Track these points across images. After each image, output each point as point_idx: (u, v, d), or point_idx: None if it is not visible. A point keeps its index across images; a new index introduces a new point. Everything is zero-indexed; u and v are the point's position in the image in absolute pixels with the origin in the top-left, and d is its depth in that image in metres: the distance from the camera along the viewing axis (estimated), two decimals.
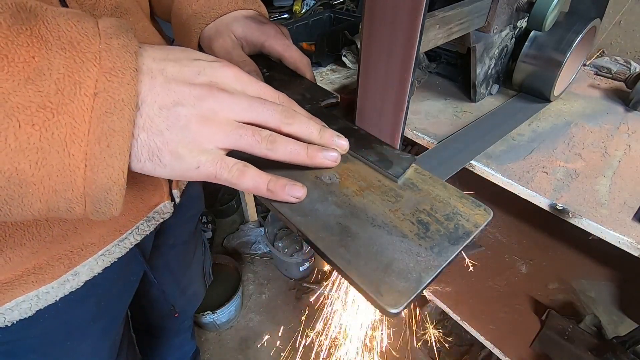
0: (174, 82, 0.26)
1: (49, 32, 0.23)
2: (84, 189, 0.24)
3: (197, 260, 0.83)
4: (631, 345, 0.59)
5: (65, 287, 0.43)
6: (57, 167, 0.23)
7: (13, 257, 0.37)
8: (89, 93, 0.23)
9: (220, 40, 0.45)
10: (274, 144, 0.29)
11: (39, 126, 0.22)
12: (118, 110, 0.23)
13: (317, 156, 0.31)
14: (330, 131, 0.32)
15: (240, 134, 0.28)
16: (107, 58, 0.24)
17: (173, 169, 0.27)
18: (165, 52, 0.28)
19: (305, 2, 1.26)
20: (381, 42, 0.32)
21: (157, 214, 0.51)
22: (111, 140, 0.23)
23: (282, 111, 0.30)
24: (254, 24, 0.45)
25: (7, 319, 0.40)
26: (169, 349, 0.97)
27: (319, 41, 0.74)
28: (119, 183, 0.25)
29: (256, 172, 0.29)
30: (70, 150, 0.23)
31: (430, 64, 0.70)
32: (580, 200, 0.43)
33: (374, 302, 0.25)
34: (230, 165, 0.28)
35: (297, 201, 0.30)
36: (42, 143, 0.22)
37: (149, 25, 0.48)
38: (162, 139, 0.26)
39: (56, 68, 0.22)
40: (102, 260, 0.45)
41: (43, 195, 0.23)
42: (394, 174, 0.33)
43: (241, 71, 0.30)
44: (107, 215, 0.26)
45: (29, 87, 0.21)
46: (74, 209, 0.25)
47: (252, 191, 0.29)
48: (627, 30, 0.74)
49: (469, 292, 0.77)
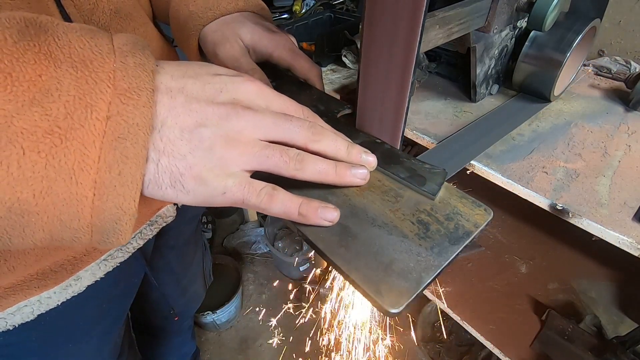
0: (195, 101, 0.25)
1: (59, 49, 0.21)
2: (91, 219, 0.22)
3: (198, 261, 0.83)
4: (631, 345, 0.59)
5: (67, 291, 0.43)
6: (63, 197, 0.21)
7: (17, 266, 0.37)
8: (100, 117, 0.21)
9: (227, 45, 0.43)
10: (302, 163, 0.27)
11: (45, 153, 0.20)
12: (132, 135, 0.22)
13: (346, 174, 0.29)
14: (357, 147, 0.31)
15: (268, 155, 0.26)
16: (122, 78, 0.22)
17: (197, 195, 0.25)
18: (184, 69, 0.26)
19: (305, 2, 1.26)
20: (381, 42, 0.31)
21: (160, 218, 0.51)
22: (123, 168, 0.22)
23: (308, 128, 0.28)
24: (263, 32, 0.44)
25: (9, 323, 0.40)
26: (169, 349, 0.97)
27: (319, 41, 0.74)
28: (130, 212, 0.23)
29: (286, 195, 0.27)
30: (78, 179, 0.21)
31: (430, 64, 0.70)
32: (580, 200, 0.43)
33: (374, 302, 0.25)
34: (258, 189, 0.26)
35: (329, 225, 0.28)
36: (48, 171, 0.20)
37: (151, 30, 0.48)
38: (184, 163, 0.24)
39: (66, 89, 0.20)
40: (104, 265, 0.45)
41: (47, 225, 0.21)
42: (430, 191, 0.31)
43: (263, 85, 0.29)
44: (115, 245, 0.24)
45: (35, 109, 0.20)
46: (79, 238, 0.23)
47: (281, 216, 0.27)
48: (627, 30, 0.74)
49: (469, 292, 0.77)
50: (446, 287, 0.78)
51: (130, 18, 0.43)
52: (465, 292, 0.77)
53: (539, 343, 0.68)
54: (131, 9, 0.44)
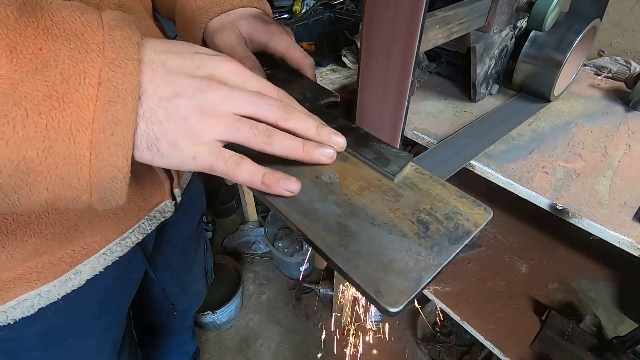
0: (174, 74, 0.27)
1: (54, 24, 0.23)
2: (89, 178, 0.24)
3: (199, 259, 0.83)
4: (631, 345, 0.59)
5: (67, 285, 0.43)
6: (63, 156, 0.23)
7: (15, 254, 0.37)
8: (93, 82, 0.23)
9: (224, 34, 0.45)
10: (270, 137, 0.29)
11: (46, 115, 0.22)
12: (121, 99, 0.24)
13: (314, 152, 0.31)
14: (327, 128, 0.33)
15: (238, 127, 0.28)
16: (111, 49, 0.24)
17: (170, 158, 0.27)
18: (167, 45, 0.28)
19: (305, 2, 1.26)
20: (381, 42, 0.32)
21: (158, 213, 0.52)
22: (115, 129, 0.24)
23: (280, 106, 0.30)
24: (259, 23, 0.46)
25: (9, 317, 0.40)
26: (169, 348, 0.97)
27: (319, 41, 0.74)
28: (123, 171, 0.25)
29: (252, 164, 0.29)
30: (75, 139, 0.23)
31: (430, 64, 0.70)
32: (580, 200, 0.43)
33: (374, 302, 0.25)
34: (226, 157, 0.28)
35: (290, 195, 0.31)
36: (49, 131, 0.22)
37: (151, 25, 0.49)
38: (161, 129, 0.26)
39: (62, 59, 0.22)
40: (103, 259, 0.46)
41: (50, 184, 0.24)
42: (391, 171, 0.33)
43: (242, 66, 0.31)
44: (112, 204, 0.27)
45: (37, 77, 0.22)
46: (80, 197, 0.25)
47: (247, 183, 0.30)
48: (627, 30, 0.74)
49: (469, 292, 0.77)
50: (446, 287, 0.78)
51: (133, 12, 0.45)
52: (465, 292, 0.77)
53: (539, 343, 0.68)
54: (133, 3, 0.45)
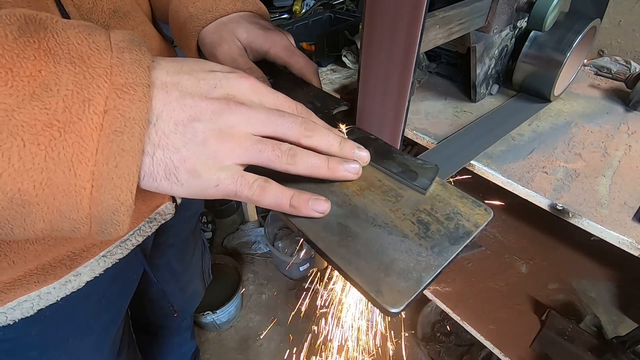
0: (189, 96, 0.25)
1: (58, 45, 0.22)
2: (89, 210, 0.23)
3: (197, 259, 0.84)
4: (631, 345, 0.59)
5: (67, 287, 0.43)
6: (62, 188, 0.22)
7: (17, 261, 0.37)
8: (98, 111, 0.22)
9: (225, 46, 0.44)
10: (294, 157, 0.28)
11: (45, 145, 0.20)
12: (128, 129, 0.22)
13: (339, 169, 0.30)
14: (350, 143, 0.31)
15: (260, 149, 0.27)
16: (119, 73, 0.23)
17: (190, 187, 0.26)
18: (179, 65, 0.27)
19: (305, 2, 1.26)
20: (381, 42, 0.31)
21: (158, 215, 0.52)
22: (120, 160, 0.22)
23: (301, 123, 0.29)
24: (258, 30, 0.44)
25: (8, 318, 0.40)
26: (168, 348, 0.97)
27: (319, 41, 0.74)
28: (127, 204, 0.24)
29: (278, 187, 0.28)
30: (76, 171, 0.22)
31: (430, 64, 0.70)
32: (580, 200, 0.43)
33: (374, 302, 0.25)
34: (250, 181, 0.27)
35: (320, 216, 0.29)
36: (47, 163, 0.21)
37: (150, 29, 0.48)
38: (178, 156, 0.25)
39: (64, 84, 0.21)
40: (103, 261, 0.46)
41: (47, 215, 0.22)
42: (421, 186, 0.32)
43: (257, 82, 0.29)
44: (113, 235, 0.25)
45: (35, 103, 0.20)
46: (78, 229, 0.24)
47: (274, 207, 0.28)
48: (627, 30, 0.74)
49: (469, 292, 0.77)
50: (446, 287, 0.78)
51: (129, 17, 0.44)
52: (465, 292, 0.77)
53: (539, 343, 0.68)
54: (129, 8, 0.44)
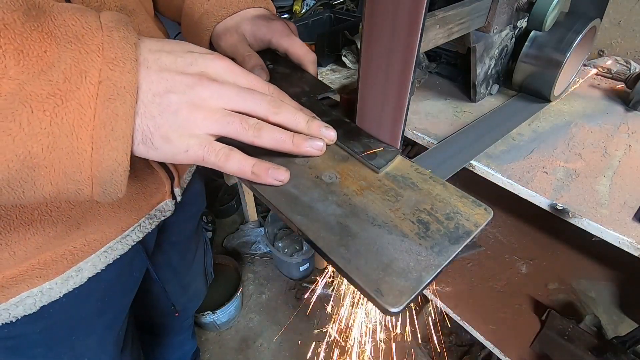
0: (167, 71, 0.28)
1: (56, 27, 0.24)
2: (91, 171, 0.26)
3: (199, 258, 0.84)
4: (631, 345, 0.59)
5: (68, 283, 0.44)
6: (67, 151, 0.24)
7: (17, 252, 0.38)
8: (93, 81, 0.24)
9: (228, 36, 0.47)
10: (260, 131, 0.30)
11: (50, 112, 0.23)
12: (120, 96, 0.25)
13: (303, 144, 0.32)
14: (318, 121, 0.34)
15: (228, 121, 0.29)
16: (109, 49, 0.25)
17: (163, 151, 0.28)
18: (161, 44, 0.29)
19: (305, 2, 1.26)
20: (381, 42, 0.32)
21: (158, 212, 0.52)
22: (115, 125, 0.25)
23: (270, 101, 0.31)
24: (262, 21, 0.47)
25: (12, 315, 0.41)
26: (169, 347, 0.97)
27: (319, 41, 0.74)
28: (123, 165, 0.27)
29: (241, 155, 0.30)
30: (78, 134, 0.24)
31: (430, 64, 0.70)
32: (580, 200, 0.43)
33: (374, 302, 0.25)
34: (217, 149, 0.29)
35: (280, 184, 0.32)
36: (53, 128, 0.24)
37: (153, 26, 0.49)
38: (154, 123, 0.27)
39: (64, 60, 0.24)
40: (104, 257, 0.46)
41: (54, 177, 0.25)
42: (377, 165, 0.33)
43: (232, 63, 0.32)
44: (113, 196, 0.28)
45: (42, 77, 0.23)
46: (82, 190, 0.27)
47: (237, 174, 0.31)
48: (627, 30, 0.74)
49: (469, 292, 0.77)
50: (446, 287, 0.78)
51: (134, 14, 0.45)
52: (465, 292, 0.77)
53: (539, 343, 0.68)
54: (134, 5, 0.46)
